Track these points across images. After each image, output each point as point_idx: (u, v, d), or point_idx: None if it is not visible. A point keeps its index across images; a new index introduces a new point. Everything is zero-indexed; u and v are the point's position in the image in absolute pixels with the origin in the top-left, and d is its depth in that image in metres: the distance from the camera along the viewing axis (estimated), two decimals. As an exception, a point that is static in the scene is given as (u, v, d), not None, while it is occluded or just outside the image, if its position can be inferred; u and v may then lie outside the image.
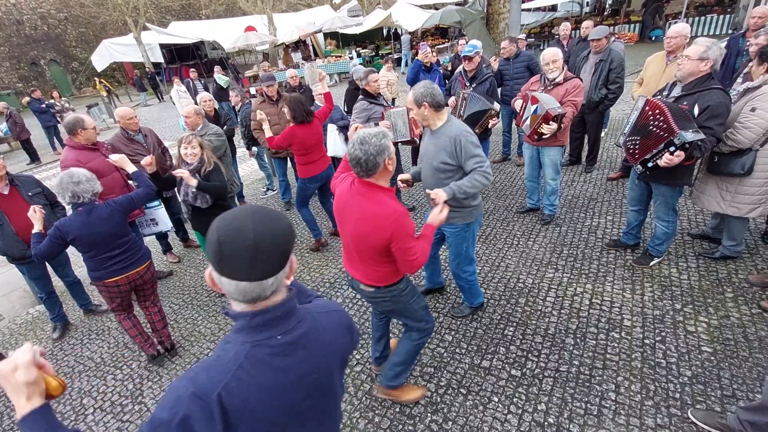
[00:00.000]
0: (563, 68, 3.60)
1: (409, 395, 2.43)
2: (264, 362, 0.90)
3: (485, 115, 3.75)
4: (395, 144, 4.21)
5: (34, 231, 2.47)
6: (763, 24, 4.38)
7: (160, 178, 3.08)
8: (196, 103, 5.62)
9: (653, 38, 14.20)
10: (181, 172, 2.92)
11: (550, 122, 3.40)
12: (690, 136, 2.47)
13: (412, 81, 5.07)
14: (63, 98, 11.53)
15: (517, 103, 3.75)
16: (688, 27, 3.81)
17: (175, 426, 0.81)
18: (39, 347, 0.95)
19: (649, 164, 2.75)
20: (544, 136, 3.51)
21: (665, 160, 2.60)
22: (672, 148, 2.55)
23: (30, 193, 3.16)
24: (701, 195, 3.06)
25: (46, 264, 3.42)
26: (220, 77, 9.00)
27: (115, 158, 2.86)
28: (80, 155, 3.34)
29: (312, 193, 4.16)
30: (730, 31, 12.75)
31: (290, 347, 0.93)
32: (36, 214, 2.49)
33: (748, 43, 3.99)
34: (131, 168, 2.87)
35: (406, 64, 15.44)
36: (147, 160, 2.94)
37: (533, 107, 3.52)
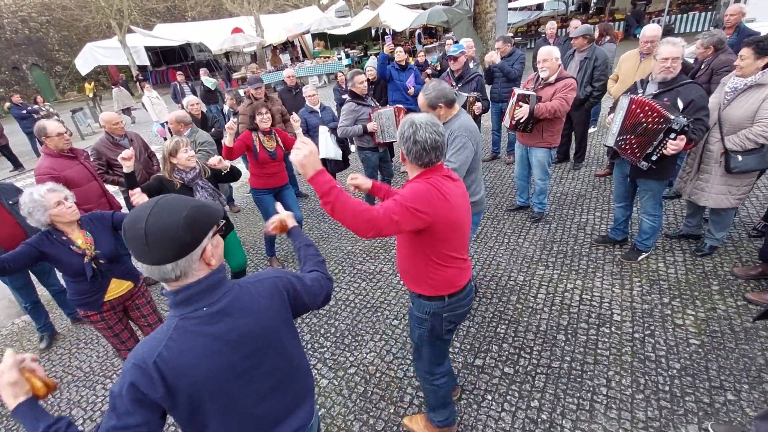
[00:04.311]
0: (558, 68, 3.57)
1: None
2: (192, 331, 1.01)
3: (465, 106, 3.80)
4: (384, 144, 4.24)
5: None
6: (737, 21, 4.47)
7: (135, 182, 2.85)
8: (182, 106, 5.56)
9: (637, 35, 14.41)
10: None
11: (520, 103, 3.49)
12: (684, 119, 2.54)
13: (382, 74, 5.33)
14: (47, 103, 11.30)
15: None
16: (660, 27, 4.03)
17: (125, 394, 0.94)
18: (30, 354, 1.11)
19: (653, 157, 2.76)
20: (518, 120, 3.56)
21: (672, 146, 2.62)
22: (672, 135, 2.59)
23: (10, 202, 3.07)
24: (711, 195, 2.98)
25: (30, 273, 3.34)
26: (208, 80, 8.90)
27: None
28: (55, 163, 3.24)
29: None
30: (711, 28, 12.98)
31: (216, 316, 1.03)
32: None
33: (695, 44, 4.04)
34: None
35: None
36: (127, 153, 2.72)
37: (512, 100, 3.64)
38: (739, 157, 2.77)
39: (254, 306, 1.11)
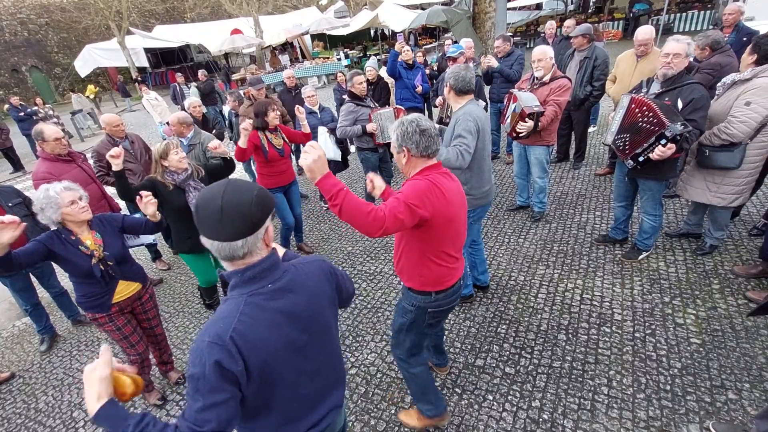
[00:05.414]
0: (552, 67, 3.58)
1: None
2: (260, 306, 1.07)
3: None
4: (384, 144, 4.24)
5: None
6: (736, 20, 4.46)
7: (125, 180, 2.72)
8: (182, 108, 5.57)
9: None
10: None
11: (526, 119, 3.44)
12: (680, 128, 2.53)
13: (392, 73, 5.44)
14: (47, 105, 11.28)
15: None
16: (653, 28, 3.99)
17: (209, 372, 0.96)
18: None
19: (640, 158, 2.78)
20: (521, 134, 3.54)
21: (658, 152, 2.63)
22: (663, 141, 2.59)
23: (10, 204, 3.06)
24: (688, 187, 3.10)
25: (30, 275, 3.34)
26: (192, 90, 9.04)
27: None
28: (52, 167, 3.23)
29: None
30: (710, 27, 13.00)
31: (280, 292, 1.11)
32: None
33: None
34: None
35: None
36: (115, 151, 2.58)
37: (513, 105, 3.58)
38: (706, 152, 2.83)
39: (309, 283, 1.19)
